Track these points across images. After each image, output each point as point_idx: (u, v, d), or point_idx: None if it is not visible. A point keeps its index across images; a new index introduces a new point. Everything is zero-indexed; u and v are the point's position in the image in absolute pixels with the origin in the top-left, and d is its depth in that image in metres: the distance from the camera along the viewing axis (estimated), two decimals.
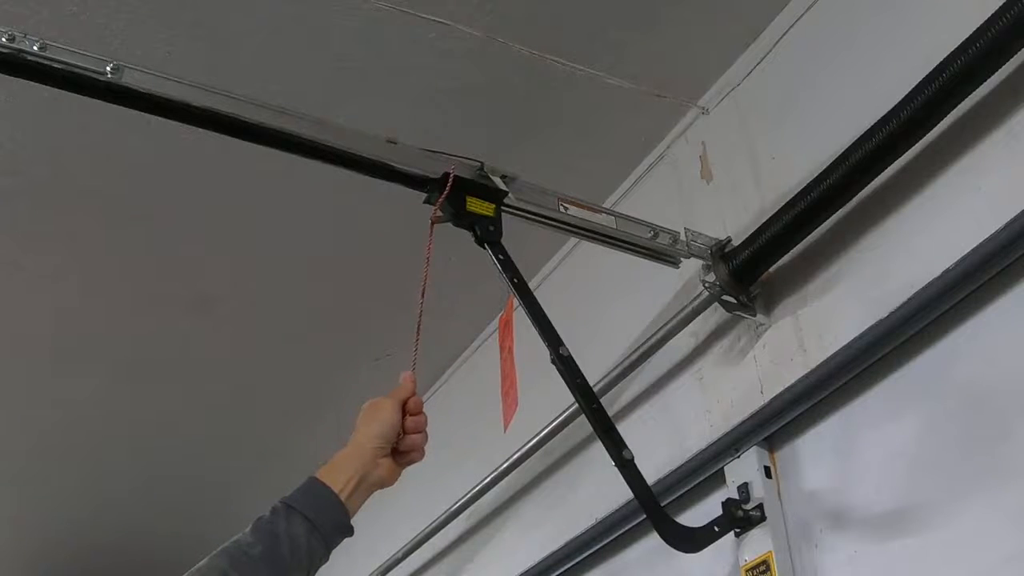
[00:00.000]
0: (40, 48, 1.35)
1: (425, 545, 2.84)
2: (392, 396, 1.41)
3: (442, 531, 2.76)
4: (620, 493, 1.84)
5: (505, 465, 2.43)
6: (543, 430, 2.30)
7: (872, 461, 1.63)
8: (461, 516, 2.69)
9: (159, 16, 1.90)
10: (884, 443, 1.61)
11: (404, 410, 1.41)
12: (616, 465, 1.57)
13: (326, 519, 1.29)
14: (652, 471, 1.97)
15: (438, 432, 1.48)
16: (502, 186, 1.69)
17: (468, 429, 2.50)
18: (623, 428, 2.16)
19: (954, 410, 1.52)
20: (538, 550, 2.34)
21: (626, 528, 2.08)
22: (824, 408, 1.74)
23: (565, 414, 2.21)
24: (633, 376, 2.14)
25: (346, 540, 1.33)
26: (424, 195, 1.65)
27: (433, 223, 1.58)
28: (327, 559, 1.30)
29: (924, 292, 1.54)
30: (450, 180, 1.61)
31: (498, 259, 1.64)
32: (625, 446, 1.58)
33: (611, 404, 2.21)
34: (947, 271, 1.50)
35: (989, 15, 1.45)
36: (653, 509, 1.59)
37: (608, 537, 2.14)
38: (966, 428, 1.49)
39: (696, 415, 1.98)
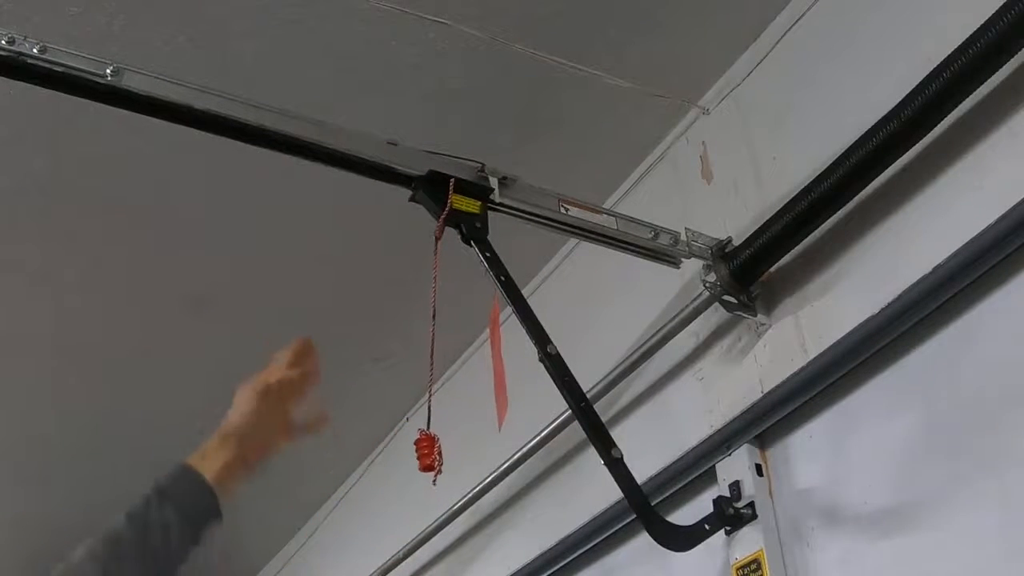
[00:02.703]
0: (40, 51, 1.35)
1: (425, 546, 2.84)
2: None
3: (442, 532, 2.76)
4: (615, 492, 1.85)
5: (505, 465, 2.43)
6: (543, 430, 2.30)
7: (864, 459, 1.63)
8: (461, 517, 2.69)
9: (158, 18, 1.90)
10: (876, 441, 1.62)
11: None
12: (604, 463, 1.58)
13: (196, 506, 1.33)
14: (652, 471, 1.97)
15: (438, 433, 1.48)
16: (496, 186, 1.69)
17: (468, 430, 2.50)
18: (624, 428, 2.18)
19: (946, 407, 1.52)
20: (536, 550, 2.35)
21: (618, 527, 2.08)
22: (815, 406, 1.74)
23: (565, 414, 2.21)
24: (634, 376, 2.14)
25: (345, 542, 1.35)
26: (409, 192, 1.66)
27: (438, 239, 1.58)
28: (198, 544, 1.33)
29: (915, 288, 1.55)
30: (451, 185, 1.61)
31: (484, 256, 1.64)
32: (614, 444, 1.59)
33: (612, 404, 2.21)
34: (938, 266, 1.51)
35: (989, 15, 1.45)
36: (642, 507, 1.59)
37: (600, 536, 2.14)
38: (958, 425, 1.50)
39: (697, 415, 1.98)
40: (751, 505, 1.75)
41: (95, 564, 1.23)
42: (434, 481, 1.46)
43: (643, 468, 1.85)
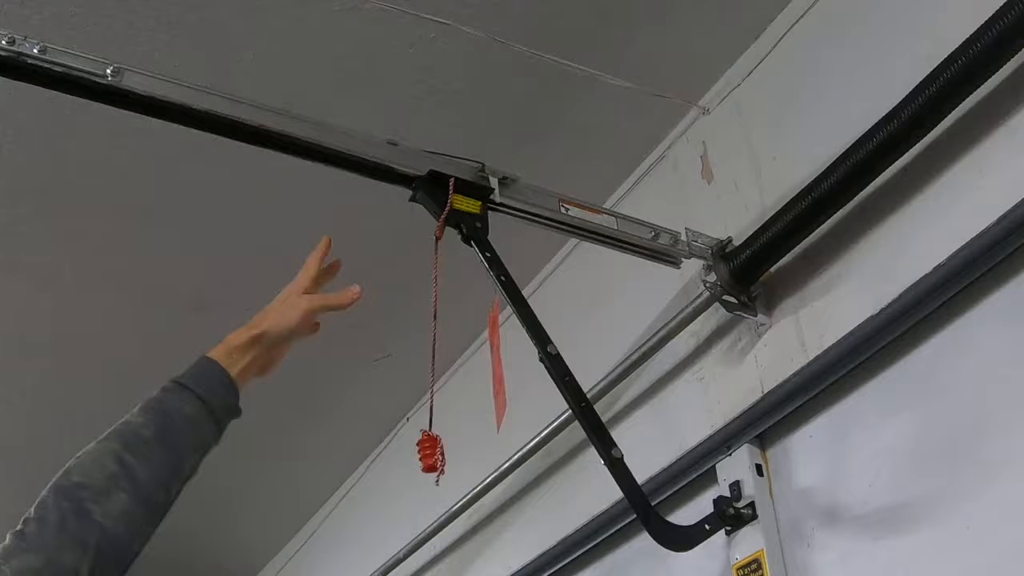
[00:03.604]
0: (40, 51, 1.35)
1: (425, 546, 2.84)
2: (297, 288, 1.43)
3: (442, 532, 2.77)
4: (615, 492, 1.85)
5: (506, 466, 2.43)
6: (543, 431, 2.30)
7: (864, 459, 1.63)
8: (461, 517, 2.69)
9: (159, 18, 1.90)
10: (876, 441, 1.62)
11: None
12: (605, 463, 1.58)
13: (218, 399, 1.28)
14: (652, 471, 1.97)
15: (439, 434, 1.49)
16: (496, 186, 1.69)
17: (468, 430, 2.51)
18: (624, 428, 2.18)
19: (946, 407, 1.52)
20: (536, 550, 2.35)
21: (618, 527, 2.08)
22: (816, 406, 1.74)
23: (565, 414, 2.21)
24: (634, 376, 2.14)
25: (345, 542, 1.33)
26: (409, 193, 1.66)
27: (438, 239, 1.58)
28: (218, 442, 1.29)
29: (915, 288, 1.55)
30: (451, 185, 1.61)
31: (484, 256, 1.64)
32: (614, 444, 1.58)
33: (612, 404, 2.21)
34: (939, 266, 1.51)
35: (989, 15, 1.45)
36: (642, 507, 1.59)
37: (601, 536, 2.14)
38: (958, 425, 1.50)
39: (697, 415, 1.98)
40: (751, 505, 1.75)
41: (109, 456, 1.16)
42: (437, 482, 1.46)
43: (643, 468, 1.85)
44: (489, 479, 2.50)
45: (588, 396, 1.69)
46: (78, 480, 1.13)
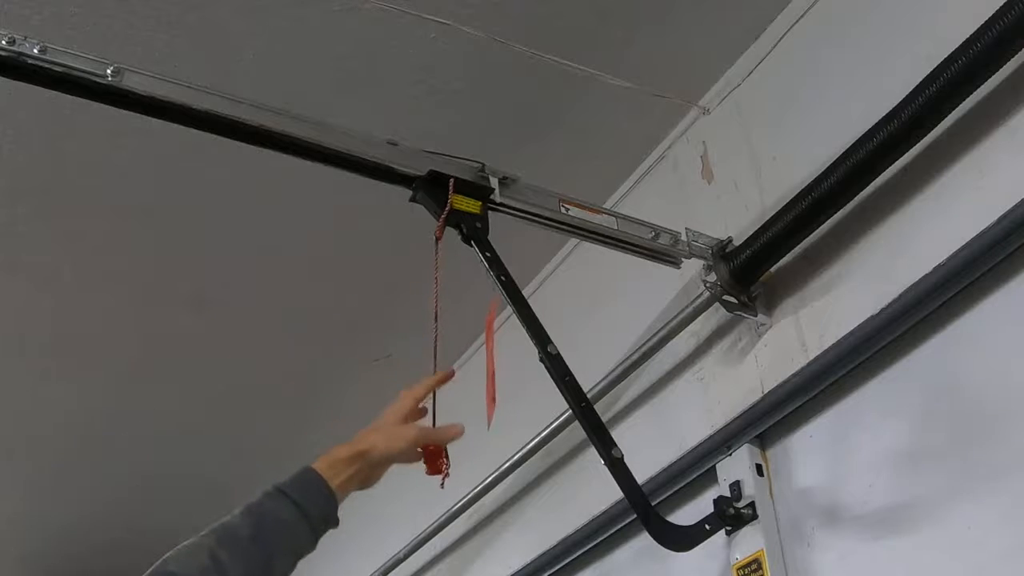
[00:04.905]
0: (40, 51, 1.35)
1: (425, 546, 2.84)
2: (402, 411, 1.50)
3: (442, 532, 2.76)
4: (615, 492, 1.85)
5: (506, 466, 2.43)
6: (543, 430, 2.30)
7: (864, 459, 1.63)
8: (461, 517, 2.69)
9: (159, 18, 1.90)
10: (876, 441, 1.62)
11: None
12: (605, 463, 1.58)
13: (316, 508, 1.31)
14: (653, 471, 1.97)
15: None
16: (496, 186, 1.69)
17: (468, 430, 2.51)
18: (624, 428, 2.18)
19: (946, 407, 1.53)
20: (536, 550, 2.35)
21: (618, 527, 2.08)
22: (816, 406, 1.75)
23: (565, 414, 2.21)
24: (634, 376, 2.14)
25: (345, 542, 1.34)
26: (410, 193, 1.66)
27: (438, 239, 1.58)
28: (313, 549, 1.33)
29: (915, 288, 1.55)
30: (451, 185, 1.61)
31: (484, 256, 1.64)
32: (614, 444, 1.58)
33: (612, 404, 2.21)
34: (939, 266, 1.51)
35: (989, 15, 1.45)
36: (642, 507, 1.59)
37: (601, 536, 2.15)
38: (958, 425, 1.50)
39: (697, 415, 1.98)
40: (751, 505, 1.75)
41: (204, 551, 1.19)
42: (442, 484, 1.47)
43: (643, 468, 1.85)
44: (489, 479, 2.50)
45: (588, 396, 1.69)
46: (173, 569, 1.17)
